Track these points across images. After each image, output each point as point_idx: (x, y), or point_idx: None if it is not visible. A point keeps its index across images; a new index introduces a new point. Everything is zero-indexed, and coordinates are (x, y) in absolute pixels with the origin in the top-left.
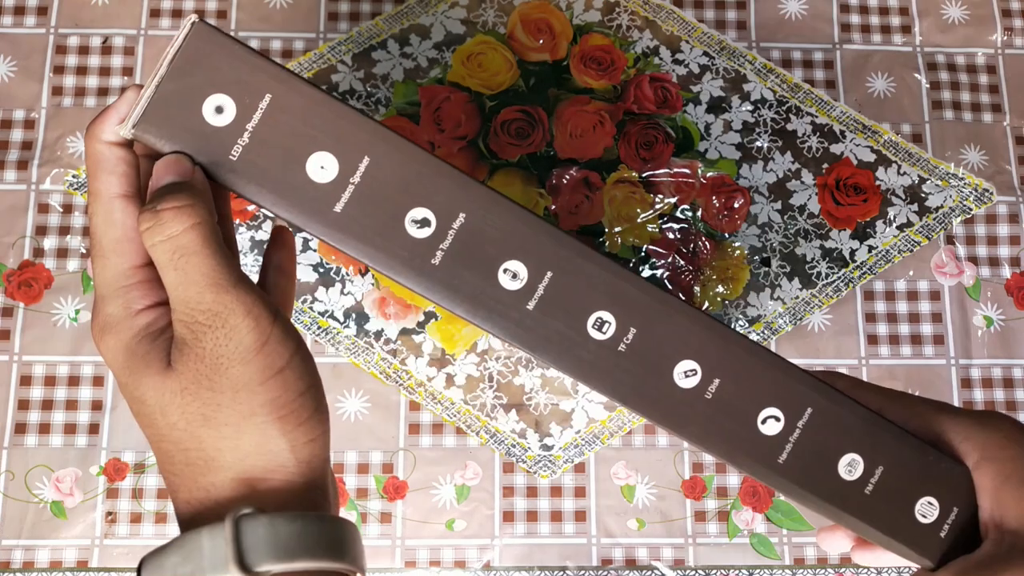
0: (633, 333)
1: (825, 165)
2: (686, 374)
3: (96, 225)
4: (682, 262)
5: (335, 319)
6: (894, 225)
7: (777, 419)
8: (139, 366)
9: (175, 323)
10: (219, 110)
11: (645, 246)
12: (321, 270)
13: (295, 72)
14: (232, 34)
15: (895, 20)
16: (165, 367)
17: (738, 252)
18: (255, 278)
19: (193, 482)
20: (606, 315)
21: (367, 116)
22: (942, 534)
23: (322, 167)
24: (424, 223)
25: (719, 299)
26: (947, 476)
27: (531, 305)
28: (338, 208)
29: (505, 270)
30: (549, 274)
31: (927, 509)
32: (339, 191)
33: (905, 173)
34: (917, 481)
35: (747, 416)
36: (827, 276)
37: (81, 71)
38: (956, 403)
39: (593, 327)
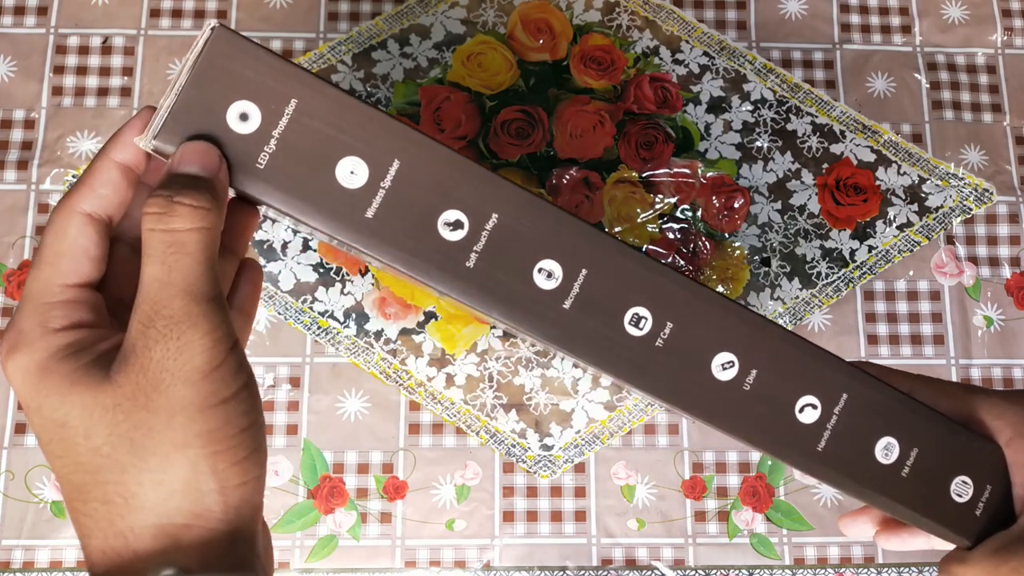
0: (670, 328)
1: (825, 165)
2: (724, 366)
3: (47, 232)
4: (682, 262)
5: (335, 319)
6: (894, 225)
7: (814, 407)
8: (61, 385)
9: (132, 323)
10: (244, 117)
11: (645, 246)
12: (321, 270)
13: (321, 76)
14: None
15: (895, 20)
16: (99, 381)
17: (738, 252)
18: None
19: (109, 525)
20: (642, 311)
21: (395, 118)
22: (977, 512)
23: (352, 172)
24: (457, 225)
25: None
26: (980, 455)
27: (567, 304)
28: (370, 214)
29: (540, 270)
30: (584, 272)
31: (962, 488)
32: (370, 196)
33: (905, 173)
34: (951, 461)
35: (785, 405)
36: (827, 276)
37: (81, 71)
38: None
39: (630, 323)
